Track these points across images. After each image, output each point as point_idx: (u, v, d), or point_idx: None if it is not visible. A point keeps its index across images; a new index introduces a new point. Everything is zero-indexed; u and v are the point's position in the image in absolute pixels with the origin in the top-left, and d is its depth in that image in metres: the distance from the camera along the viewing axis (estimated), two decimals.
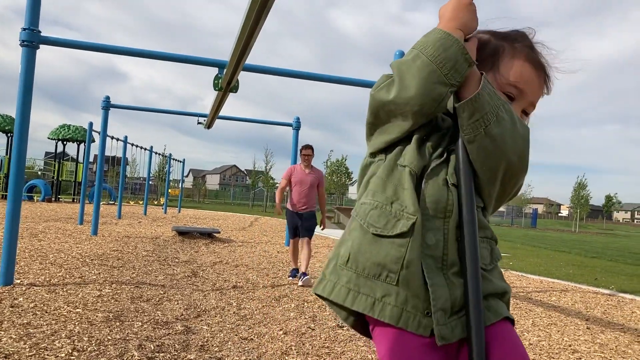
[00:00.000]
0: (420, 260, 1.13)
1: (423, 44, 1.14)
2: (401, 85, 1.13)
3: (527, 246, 17.23)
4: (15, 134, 5.28)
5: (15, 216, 5.32)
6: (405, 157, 1.21)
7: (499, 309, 1.20)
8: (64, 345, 3.41)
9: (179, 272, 6.74)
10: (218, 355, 3.48)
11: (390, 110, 1.18)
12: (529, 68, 1.28)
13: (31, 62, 5.26)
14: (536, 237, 24.42)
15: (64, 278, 5.70)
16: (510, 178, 1.22)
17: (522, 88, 1.28)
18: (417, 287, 1.13)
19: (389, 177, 1.22)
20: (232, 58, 5.04)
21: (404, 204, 1.17)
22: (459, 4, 1.18)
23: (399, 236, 1.15)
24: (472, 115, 1.13)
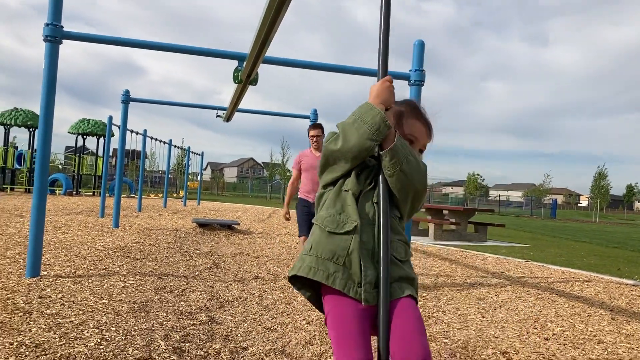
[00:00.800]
0: (359, 250, 1.69)
1: (359, 113, 1.72)
2: (344, 140, 1.71)
3: (546, 237, 17.09)
4: (40, 128, 5.36)
5: (41, 209, 5.41)
6: (347, 185, 1.79)
7: (405, 289, 1.74)
8: (93, 335, 3.47)
9: (200, 263, 6.80)
10: (243, 345, 3.52)
11: (336, 157, 1.76)
12: (419, 124, 1.95)
13: (54, 57, 5.33)
14: (556, 228, 24.20)
15: (89, 270, 5.80)
16: (416, 199, 1.82)
17: (417, 137, 1.92)
18: (356, 267, 1.68)
19: (337, 198, 1.80)
20: (252, 50, 5.05)
21: (349, 214, 1.74)
22: (382, 86, 1.76)
23: (346, 233, 1.71)
24: (392, 159, 1.69)
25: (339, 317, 1.67)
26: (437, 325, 4.39)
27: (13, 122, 27.00)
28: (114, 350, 3.21)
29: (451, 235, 13.06)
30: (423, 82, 6.21)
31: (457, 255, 9.56)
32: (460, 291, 6.00)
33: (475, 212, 14.23)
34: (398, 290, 1.71)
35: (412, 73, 6.19)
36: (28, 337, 3.34)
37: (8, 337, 3.31)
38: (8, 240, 7.56)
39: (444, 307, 5.08)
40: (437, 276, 6.99)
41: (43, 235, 5.51)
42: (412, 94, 6.21)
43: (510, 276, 7.38)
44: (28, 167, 25.70)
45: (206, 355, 3.28)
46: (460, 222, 13.13)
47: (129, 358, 3.10)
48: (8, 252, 6.53)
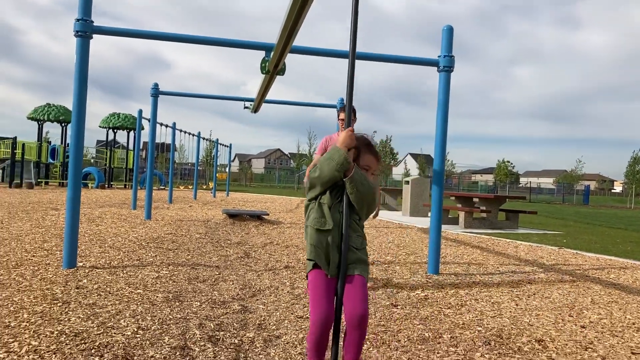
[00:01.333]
0: (331, 244, 2.46)
1: (330, 154, 2.44)
2: (320, 171, 2.44)
3: (580, 223, 16.77)
4: (73, 123, 5.45)
5: (76, 202, 5.52)
6: (324, 199, 2.51)
7: (356, 269, 2.50)
8: (129, 324, 3.54)
9: (232, 253, 6.87)
10: (276, 334, 3.55)
11: (315, 182, 2.50)
12: (371, 157, 2.67)
13: (85, 52, 5.41)
14: (589, 214, 23.73)
15: (123, 261, 5.91)
16: (368, 208, 2.56)
17: (370, 166, 2.66)
18: (328, 254, 2.46)
19: (319, 208, 2.50)
20: (280, 40, 5.04)
21: (327, 219, 2.47)
22: (346, 135, 2.46)
23: (326, 231, 2.47)
24: (351, 184, 2.44)
25: (315, 283, 2.46)
26: (470, 313, 4.35)
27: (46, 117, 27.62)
28: (151, 339, 3.27)
29: (482, 223, 12.91)
30: (452, 68, 6.13)
31: (488, 243, 9.46)
32: (493, 279, 5.93)
33: (506, 200, 14.03)
34: (352, 269, 2.48)
35: (440, 59, 6.11)
36: (67, 327, 3.42)
37: (49, 327, 3.40)
38: (45, 233, 7.75)
39: (477, 296, 5.03)
40: (469, 264, 6.93)
41: (78, 228, 5.63)
42: (440, 81, 6.14)
43: (544, 264, 7.28)
44: (61, 162, 26.26)
45: (240, 343, 3.31)
46: (491, 210, 12.97)
47: (165, 347, 3.16)
48: (45, 245, 6.70)
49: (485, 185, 67.80)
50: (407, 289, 5.20)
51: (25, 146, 24.05)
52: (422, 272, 6.15)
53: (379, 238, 9.43)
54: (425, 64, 6.35)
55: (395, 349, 3.34)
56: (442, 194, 6.21)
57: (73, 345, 3.09)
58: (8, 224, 8.70)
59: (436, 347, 3.42)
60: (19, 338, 3.16)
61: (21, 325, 3.42)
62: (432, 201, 6.22)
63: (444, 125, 6.15)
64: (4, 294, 4.18)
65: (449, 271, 6.34)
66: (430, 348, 3.40)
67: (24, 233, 7.65)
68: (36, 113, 27.78)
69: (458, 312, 4.36)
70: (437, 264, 6.16)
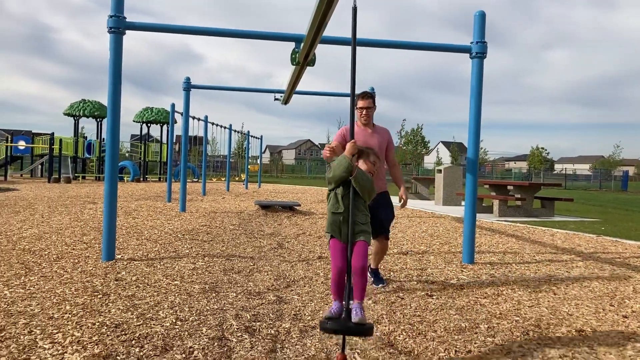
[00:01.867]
0: (342, 221, 3.03)
1: (339, 160, 3.04)
2: (333, 173, 3.03)
3: (618, 210, 16.35)
4: (108, 118, 5.55)
5: (113, 196, 5.63)
6: (338, 191, 3.07)
7: (361, 237, 3.04)
8: (168, 316, 3.61)
9: (265, 244, 6.92)
10: (312, 324, 3.56)
11: (330, 180, 3.09)
12: None
13: (119, 47, 5.50)
14: (628, 201, 23.11)
15: (160, 253, 6.01)
16: (369, 195, 3.11)
17: None
18: (340, 227, 3.03)
19: (335, 197, 3.08)
20: (310, 31, 5.02)
21: (340, 205, 3.04)
22: (350, 146, 3.06)
23: (339, 214, 3.04)
24: (355, 180, 3.00)
25: (333, 247, 3.08)
26: (507, 302, 4.29)
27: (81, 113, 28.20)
28: (189, 330, 3.33)
29: (516, 212, 12.71)
30: (485, 54, 6.02)
31: (523, 232, 9.31)
32: (529, 268, 5.84)
33: (542, 187, 13.76)
34: (357, 237, 3.07)
35: (473, 45, 6.01)
36: (108, 318, 3.51)
37: (90, 318, 3.49)
38: (83, 226, 7.94)
39: (513, 285, 4.96)
40: (504, 253, 6.83)
41: (116, 221, 5.74)
42: (473, 68, 6.04)
43: (582, 252, 7.12)
44: (97, 156, 26.82)
45: (277, 334, 3.34)
46: (525, 198, 12.74)
47: (203, 337, 3.20)
48: (84, 238, 6.86)
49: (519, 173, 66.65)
50: (442, 278, 5.16)
51: (63, 142, 24.63)
52: (457, 262, 6.09)
53: (412, 228, 9.38)
54: (458, 51, 6.25)
55: (432, 340, 3.32)
56: (476, 182, 6.13)
57: (114, 336, 3.16)
58: (48, 217, 8.94)
59: (473, 337, 3.39)
60: (62, 329, 3.25)
61: (64, 316, 3.51)
62: (467, 189, 6.14)
63: (477, 113, 6.06)
64: (47, 286, 4.31)
65: (484, 260, 6.26)
66: (468, 338, 3.37)
67: (63, 227, 7.85)
68: (72, 109, 28.39)
69: (494, 302, 4.31)
70: (472, 253, 6.09)
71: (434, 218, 11.41)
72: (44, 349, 2.93)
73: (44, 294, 4.05)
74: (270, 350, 3.06)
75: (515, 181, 19.58)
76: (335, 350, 3.07)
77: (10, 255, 5.56)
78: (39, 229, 7.50)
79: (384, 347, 3.16)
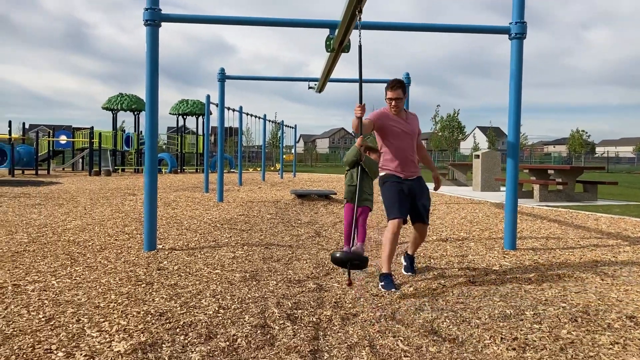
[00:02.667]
0: (353, 192, 4.02)
1: (351, 148, 4.07)
2: (347, 159, 4.08)
3: None
4: (147, 109, 5.62)
5: (153, 187, 5.71)
6: (353, 170, 4.11)
7: (365, 203, 4.04)
8: (210, 304, 3.64)
9: (303, 232, 6.94)
10: (352, 312, 3.54)
11: (346, 163, 4.14)
12: None
13: (155, 39, 5.54)
14: None
15: (200, 242, 6.08)
16: (374, 174, 4.15)
17: None
18: (353, 196, 4.01)
19: (350, 174, 4.12)
20: (344, 16, 4.97)
21: (353, 179, 4.05)
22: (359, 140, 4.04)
23: (353, 186, 4.04)
24: (364, 163, 4.03)
25: (346, 208, 4.06)
26: (552, 289, 4.19)
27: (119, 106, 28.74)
28: (232, 318, 3.35)
29: (558, 196, 12.41)
30: (525, 34, 5.85)
31: (566, 217, 9.08)
32: (574, 254, 5.69)
33: (583, 171, 13.39)
34: (362, 203, 3.98)
35: (512, 26, 5.85)
36: (152, 307, 3.56)
37: (135, 307, 3.55)
38: (125, 217, 8.11)
39: (558, 271, 4.84)
40: (547, 239, 6.67)
41: (157, 212, 5.83)
42: (513, 49, 5.88)
43: (629, 236, 6.90)
44: (135, 149, 27.32)
45: (318, 321, 3.34)
46: (567, 182, 12.42)
47: (246, 325, 3.22)
48: (126, 229, 7.00)
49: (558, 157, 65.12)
50: (483, 265, 5.08)
51: (102, 135, 25.16)
52: (499, 248, 5.98)
53: (451, 214, 9.25)
54: (496, 32, 6.10)
55: (476, 327, 3.26)
56: (517, 167, 5.99)
57: (159, 324, 3.21)
58: (91, 209, 9.15)
59: (519, 324, 3.31)
60: (108, 318, 3.32)
61: (110, 305, 3.58)
62: (507, 174, 6.01)
63: (517, 96, 5.90)
64: (92, 276, 4.40)
65: (527, 246, 6.13)
66: (513, 325, 3.30)
67: (105, 218, 8.03)
68: (110, 103, 28.96)
69: (539, 288, 4.21)
70: (514, 239, 5.96)
71: (473, 204, 11.24)
72: (92, 337, 2.99)
73: (89, 284, 4.15)
74: (312, 337, 3.05)
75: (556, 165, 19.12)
76: (378, 338, 3.04)
77: (56, 246, 5.71)
78: (82, 221, 7.68)
79: (427, 335, 3.12)
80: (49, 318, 3.30)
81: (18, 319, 3.27)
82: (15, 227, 7.03)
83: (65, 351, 2.77)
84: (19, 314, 3.38)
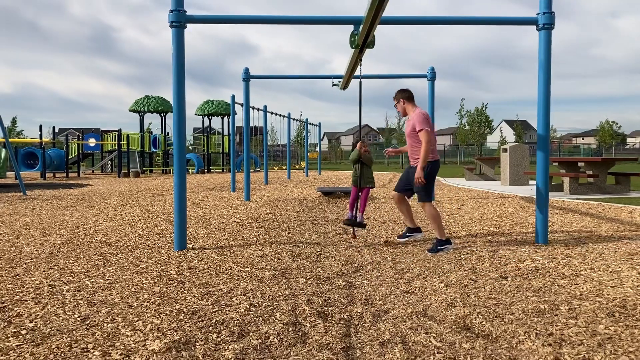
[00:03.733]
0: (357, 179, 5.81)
1: (354, 151, 5.83)
2: (351, 157, 5.89)
3: None
4: (174, 110, 5.67)
5: (182, 187, 5.77)
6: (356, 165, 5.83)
7: (367, 184, 5.81)
8: (242, 302, 3.66)
9: (330, 230, 6.93)
10: (383, 309, 3.53)
11: (351, 160, 5.91)
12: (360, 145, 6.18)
13: (181, 41, 5.59)
14: None
15: (229, 241, 6.13)
16: (370, 165, 5.86)
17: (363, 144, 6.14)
18: (357, 180, 5.80)
19: (354, 167, 5.86)
20: (369, 11, 4.94)
21: (357, 171, 5.80)
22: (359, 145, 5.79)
23: (356, 176, 5.80)
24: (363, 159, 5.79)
25: (353, 189, 5.75)
26: (587, 283, 4.10)
27: (146, 108, 29.15)
28: (263, 316, 3.36)
29: (589, 189, 12.17)
30: (553, 25, 5.75)
31: (598, 210, 8.90)
32: (608, 247, 5.57)
33: (615, 162, 13.11)
34: (366, 184, 5.73)
35: (540, 16, 5.75)
36: (185, 305, 3.60)
37: (168, 306, 3.59)
38: (154, 218, 8.21)
39: (592, 265, 4.74)
40: (579, 232, 6.55)
41: (186, 212, 5.89)
42: (541, 40, 5.78)
43: None
44: (163, 150, 27.65)
45: (349, 318, 3.33)
46: (598, 174, 12.17)
47: (277, 323, 3.23)
48: (156, 229, 7.09)
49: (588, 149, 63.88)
50: (515, 260, 5.00)
51: (130, 137, 25.53)
52: (530, 242, 5.89)
53: (480, 209, 9.15)
54: (523, 23, 6.00)
55: (510, 322, 3.21)
56: (547, 159, 5.88)
57: (192, 322, 3.24)
58: (121, 210, 9.29)
59: (554, 320, 3.25)
60: (142, 317, 3.36)
61: (143, 304, 3.63)
62: (537, 167, 5.91)
63: (546, 87, 5.80)
64: (124, 276, 4.47)
65: (559, 240, 6.02)
66: (548, 320, 3.24)
67: (136, 219, 8.14)
68: (137, 105, 29.37)
69: (573, 283, 4.13)
70: (546, 232, 5.86)
71: (502, 199, 11.09)
72: (127, 335, 3.03)
73: (122, 284, 4.21)
74: (344, 335, 3.04)
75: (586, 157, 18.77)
76: (410, 335, 3.02)
77: (89, 247, 5.81)
78: (113, 222, 7.80)
79: (460, 331, 3.08)
80: (84, 318, 3.36)
81: (55, 319, 3.34)
82: (49, 229, 7.18)
83: (101, 350, 2.81)
84: (55, 313, 3.45)
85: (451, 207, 9.63)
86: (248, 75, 11.59)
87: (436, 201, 10.63)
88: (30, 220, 8.03)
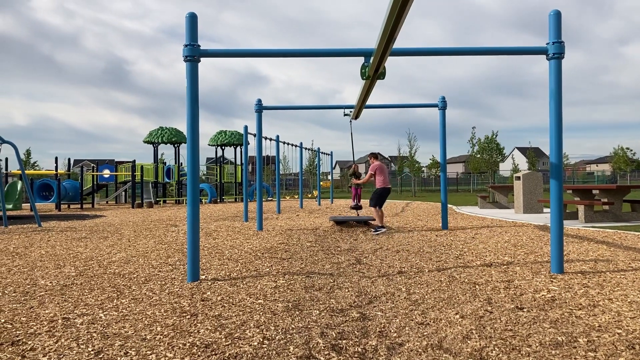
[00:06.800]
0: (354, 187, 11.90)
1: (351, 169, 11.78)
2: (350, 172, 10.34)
3: None
4: (188, 141, 5.74)
5: (195, 218, 5.80)
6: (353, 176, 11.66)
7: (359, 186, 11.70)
8: (255, 335, 3.64)
9: (343, 260, 6.90)
10: (398, 341, 3.49)
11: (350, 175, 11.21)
12: None
13: (195, 74, 5.69)
14: None
15: (242, 272, 6.12)
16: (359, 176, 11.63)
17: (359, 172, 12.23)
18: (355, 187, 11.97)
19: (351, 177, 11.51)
20: (380, 44, 5.01)
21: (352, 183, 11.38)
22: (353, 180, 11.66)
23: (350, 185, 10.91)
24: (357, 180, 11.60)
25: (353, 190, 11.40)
26: (605, 314, 4.03)
27: (160, 139, 29.48)
28: (276, 349, 3.33)
29: (604, 217, 12.04)
30: (563, 54, 5.78)
31: (614, 238, 8.78)
32: (626, 276, 5.48)
33: (630, 190, 12.98)
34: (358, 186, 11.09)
35: (549, 46, 5.79)
36: (197, 338, 3.58)
37: (181, 339, 3.58)
38: (167, 248, 8.23)
39: (610, 295, 4.66)
40: (596, 261, 6.46)
41: (199, 243, 5.90)
42: (551, 69, 5.81)
43: None
44: (176, 180, 27.85)
45: (364, 352, 3.29)
46: (614, 202, 12.06)
47: (291, 356, 3.20)
48: (169, 260, 7.10)
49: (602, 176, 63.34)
50: (531, 290, 4.94)
51: (144, 168, 25.77)
52: (545, 272, 5.81)
53: (494, 238, 9.07)
54: (533, 53, 6.03)
55: (527, 355, 3.16)
56: (561, 188, 5.85)
57: (205, 356, 3.22)
58: (134, 241, 9.33)
59: (572, 352, 3.19)
60: (155, 350, 3.35)
61: (156, 337, 3.62)
62: (551, 195, 5.87)
63: (558, 115, 5.80)
64: (138, 308, 4.47)
65: (575, 269, 5.94)
66: (566, 353, 3.18)
67: (149, 250, 8.17)
68: (151, 136, 29.72)
69: (591, 314, 4.06)
70: (561, 262, 5.80)
71: (516, 227, 10.99)
72: None
73: (135, 316, 4.20)
74: None
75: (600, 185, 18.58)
76: None
77: (102, 279, 5.83)
78: (126, 253, 7.83)
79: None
80: (98, 351, 3.35)
81: (68, 352, 3.33)
82: (63, 260, 7.22)
83: None
84: (69, 347, 3.45)
85: (465, 235, 9.56)
86: (261, 106, 11.72)
87: (449, 230, 10.58)
88: (45, 252, 8.09)
